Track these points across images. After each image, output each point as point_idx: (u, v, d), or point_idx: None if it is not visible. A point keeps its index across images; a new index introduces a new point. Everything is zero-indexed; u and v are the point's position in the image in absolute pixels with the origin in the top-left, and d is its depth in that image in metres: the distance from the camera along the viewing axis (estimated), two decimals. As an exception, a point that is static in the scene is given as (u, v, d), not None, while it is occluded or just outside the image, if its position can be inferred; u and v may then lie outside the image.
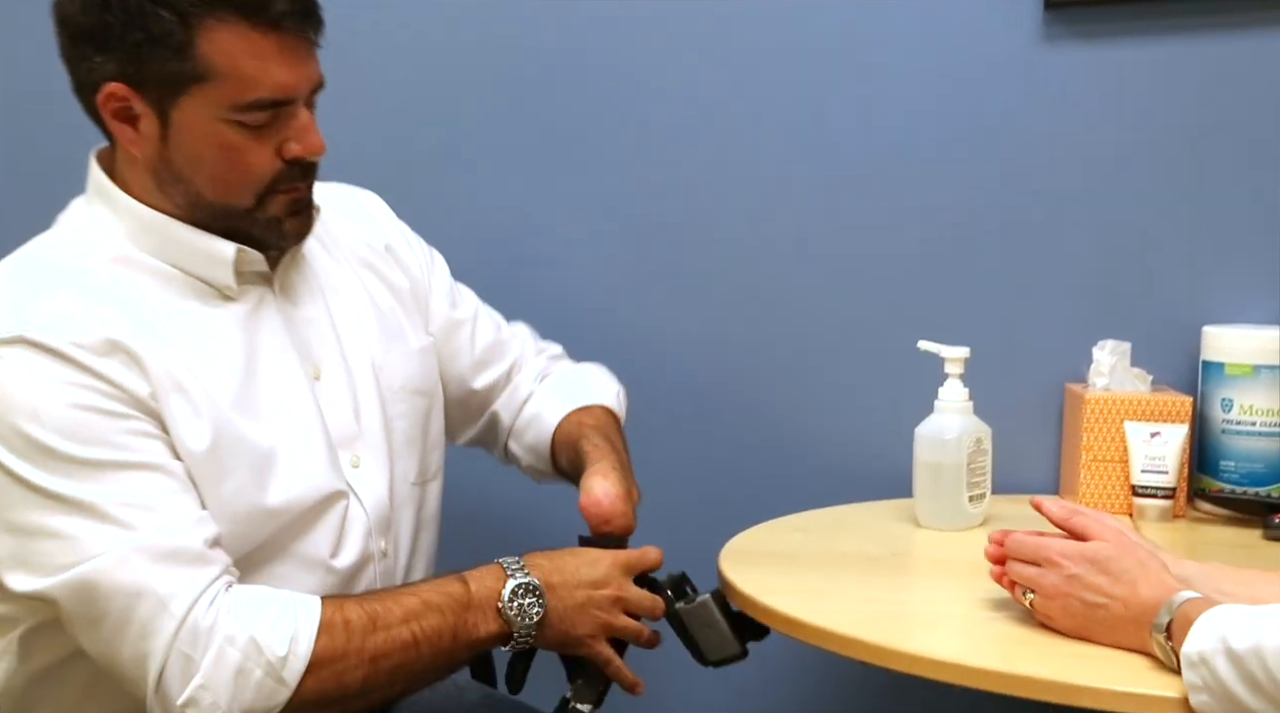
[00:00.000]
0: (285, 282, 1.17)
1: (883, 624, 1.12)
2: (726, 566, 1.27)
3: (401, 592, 1.10)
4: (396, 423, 1.22)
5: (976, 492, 1.41)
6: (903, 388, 1.48)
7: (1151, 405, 1.49)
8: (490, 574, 1.12)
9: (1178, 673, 0.98)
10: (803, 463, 1.61)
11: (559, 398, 1.34)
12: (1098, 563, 1.04)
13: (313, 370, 1.16)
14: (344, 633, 1.04)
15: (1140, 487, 1.47)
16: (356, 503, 1.16)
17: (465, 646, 1.09)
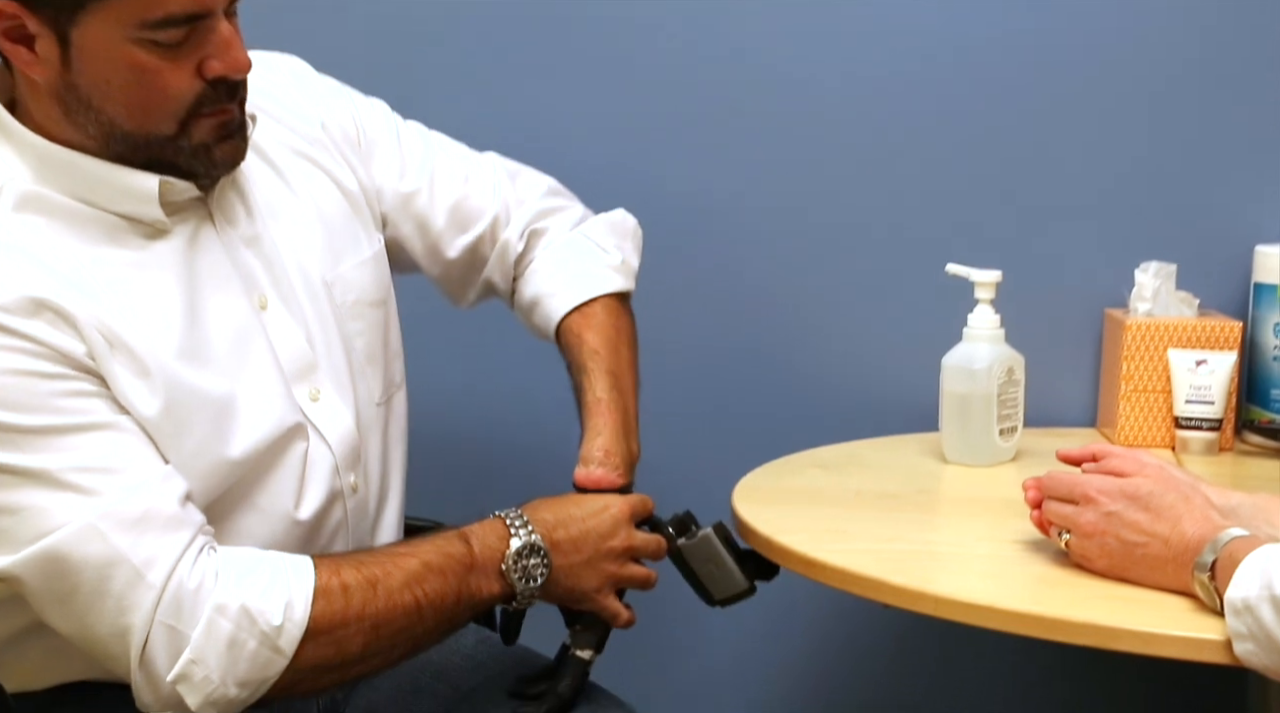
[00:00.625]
0: (222, 203, 1.11)
1: (907, 565, 1.11)
2: (740, 504, 1.25)
3: (399, 553, 1.08)
4: (355, 342, 1.17)
5: (1007, 425, 1.39)
6: (929, 315, 1.46)
7: (1198, 331, 1.46)
8: (493, 532, 1.09)
9: (1222, 616, 0.95)
10: (822, 395, 1.59)
11: (556, 284, 1.27)
12: (1138, 499, 1.02)
13: (258, 300, 1.12)
14: (342, 598, 1.01)
15: (1184, 418, 1.44)
16: (319, 441, 1.12)
17: (468, 608, 1.08)
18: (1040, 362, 1.45)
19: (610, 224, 1.31)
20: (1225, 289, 1.52)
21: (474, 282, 1.30)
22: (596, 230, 1.30)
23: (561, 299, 1.26)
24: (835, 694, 1.65)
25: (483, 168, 1.30)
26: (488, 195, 1.28)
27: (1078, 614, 1.00)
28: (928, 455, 1.41)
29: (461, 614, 1.07)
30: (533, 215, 1.30)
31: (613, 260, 1.28)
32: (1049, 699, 1.63)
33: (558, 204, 1.32)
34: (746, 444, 1.43)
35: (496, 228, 1.29)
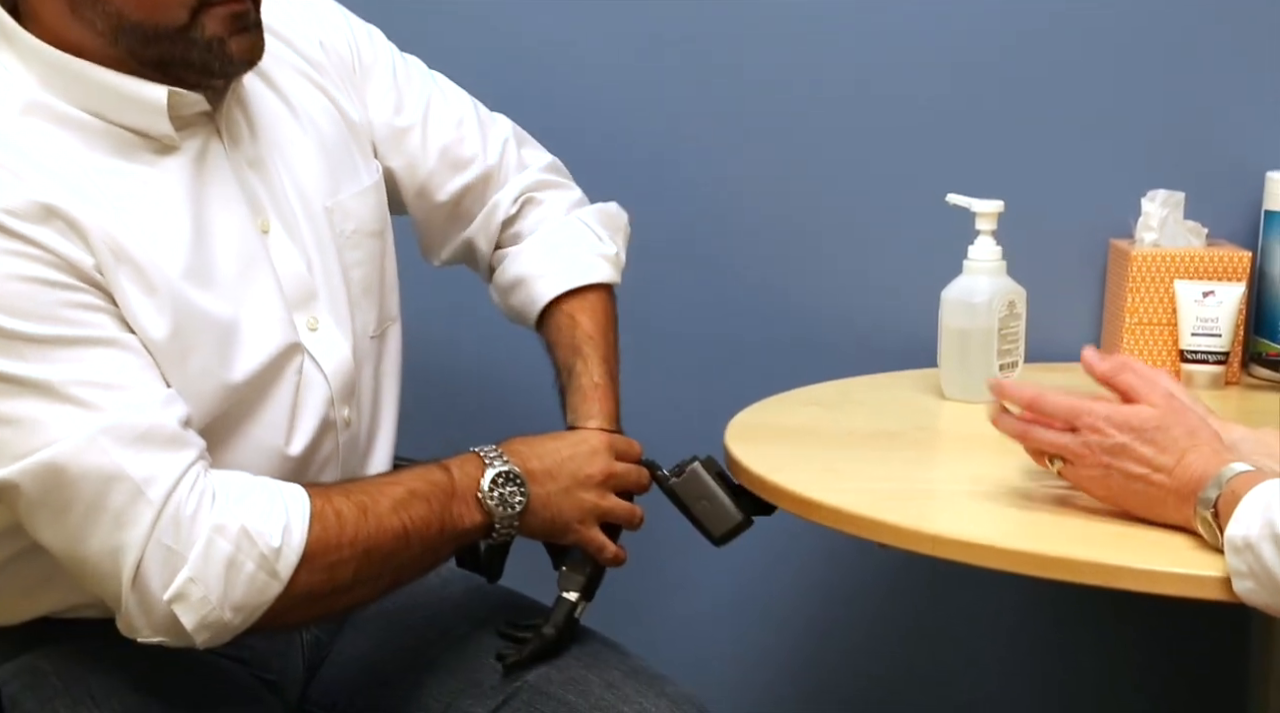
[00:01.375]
0: (229, 121, 1.11)
1: (903, 504, 1.11)
2: (733, 442, 1.26)
3: (384, 481, 1.09)
4: (353, 273, 1.17)
5: (1008, 360, 1.39)
6: (928, 247, 1.45)
7: (1205, 262, 1.46)
8: (470, 462, 1.11)
9: (1222, 553, 0.95)
10: (818, 331, 1.59)
11: (549, 266, 1.27)
12: (1144, 432, 1.01)
13: (261, 224, 1.12)
14: (336, 523, 1.02)
15: (1190, 352, 1.45)
16: (315, 371, 1.12)
17: (451, 537, 1.09)
18: (1042, 295, 1.45)
19: (605, 214, 1.31)
20: (1235, 218, 1.51)
21: (453, 237, 1.30)
22: (591, 218, 1.30)
23: (553, 282, 1.26)
24: (828, 635, 1.67)
25: (485, 120, 1.30)
26: (481, 144, 1.28)
27: (1077, 552, 1.00)
28: (926, 392, 1.41)
29: (445, 544, 1.08)
30: (532, 183, 1.29)
31: (607, 250, 1.28)
32: (1047, 639, 1.65)
33: (558, 180, 1.32)
34: (740, 382, 1.44)
35: (489, 183, 1.28)
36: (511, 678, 1.14)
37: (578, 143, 1.44)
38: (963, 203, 1.39)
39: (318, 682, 1.20)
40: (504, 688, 1.14)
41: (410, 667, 1.18)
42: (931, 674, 1.66)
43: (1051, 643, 1.65)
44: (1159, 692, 1.63)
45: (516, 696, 1.14)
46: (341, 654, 1.21)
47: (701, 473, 1.19)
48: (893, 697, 1.66)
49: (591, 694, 1.12)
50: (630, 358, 1.28)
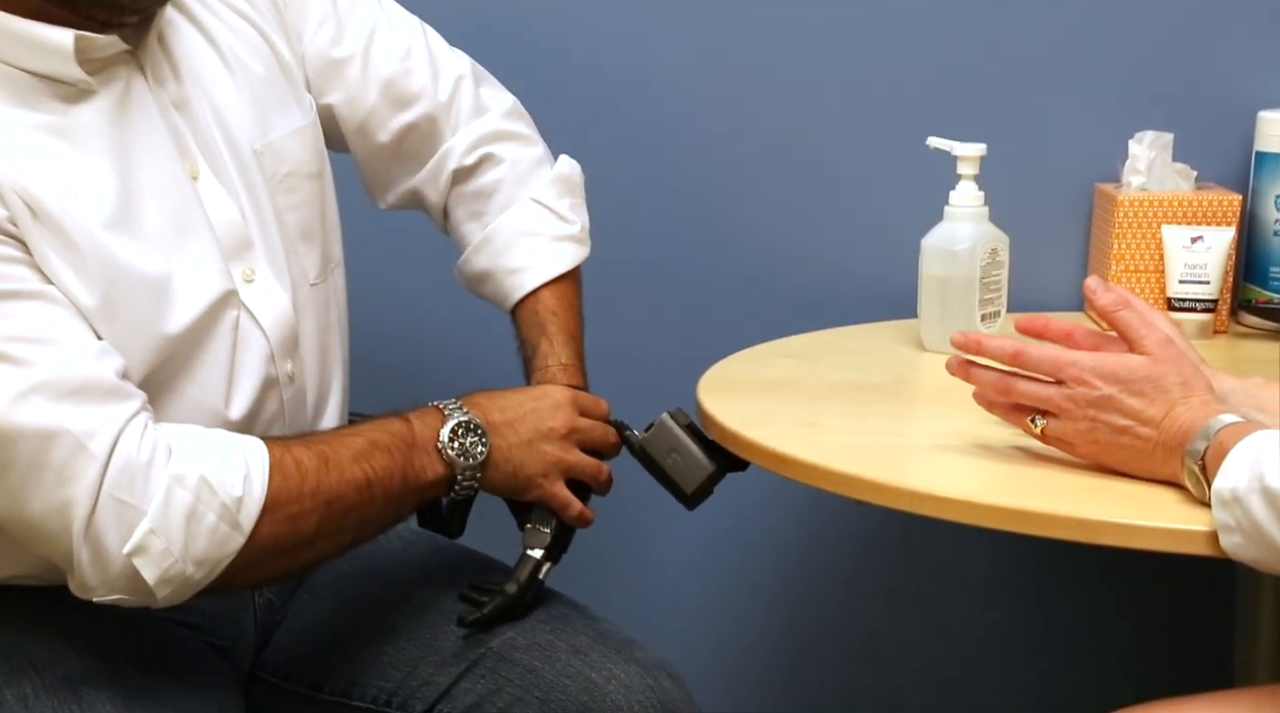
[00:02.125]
0: (153, 61, 1.09)
1: (881, 459, 1.11)
2: (706, 396, 1.25)
3: (343, 432, 1.09)
4: (288, 217, 1.16)
5: (990, 310, 1.39)
6: (908, 193, 1.45)
7: (1194, 206, 1.46)
8: (429, 414, 1.11)
9: (1209, 507, 0.95)
10: (794, 280, 1.59)
11: (516, 260, 1.25)
12: (1132, 384, 1.00)
13: (190, 169, 1.09)
14: (297, 473, 1.02)
15: (1177, 300, 1.45)
16: (252, 325, 1.11)
17: (413, 489, 1.08)
18: (1026, 241, 1.44)
19: (562, 183, 1.28)
20: (1225, 160, 1.51)
21: (398, 182, 1.27)
22: (550, 194, 1.27)
23: (523, 277, 1.25)
24: (804, 595, 1.67)
25: (438, 53, 1.26)
26: (431, 78, 1.24)
27: (1059, 508, 1.00)
28: (905, 343, 1.41)
29: (407, 497, 1.08)
30: (489, 132, 1.26)
31: (571, 230, 1.27)
32: (1028, 598, 1.66)
33: (518, 131, 1.29)
34: (713, 333, 1.43)
35: (437, 125, 1.25)
36: (474, 645, 1.14)
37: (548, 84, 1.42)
38: (944, 146, 1.38)
39: (272, 648, 1.19)
40: (467, 655, 1.14)
41: (369, 633, 1.18)
42: (910, 634, 1.67)
43: (1033, 602, 1.66)
44: (1141, 652, 1.65)
45: (480, 663, 1.13)
46: (297, 620, 1.20)
47: (670, 424, 1.18)
48: (870, 657, 1.68)
49: (558, 660, 1.12)
50: (599, 311, 1.28)
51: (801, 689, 1.69)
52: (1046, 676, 1.66)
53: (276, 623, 1.20)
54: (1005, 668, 1.68)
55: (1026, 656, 1.67)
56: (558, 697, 1.11)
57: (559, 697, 1.11)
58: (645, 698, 1.11)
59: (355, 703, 1.17)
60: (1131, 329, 1.03)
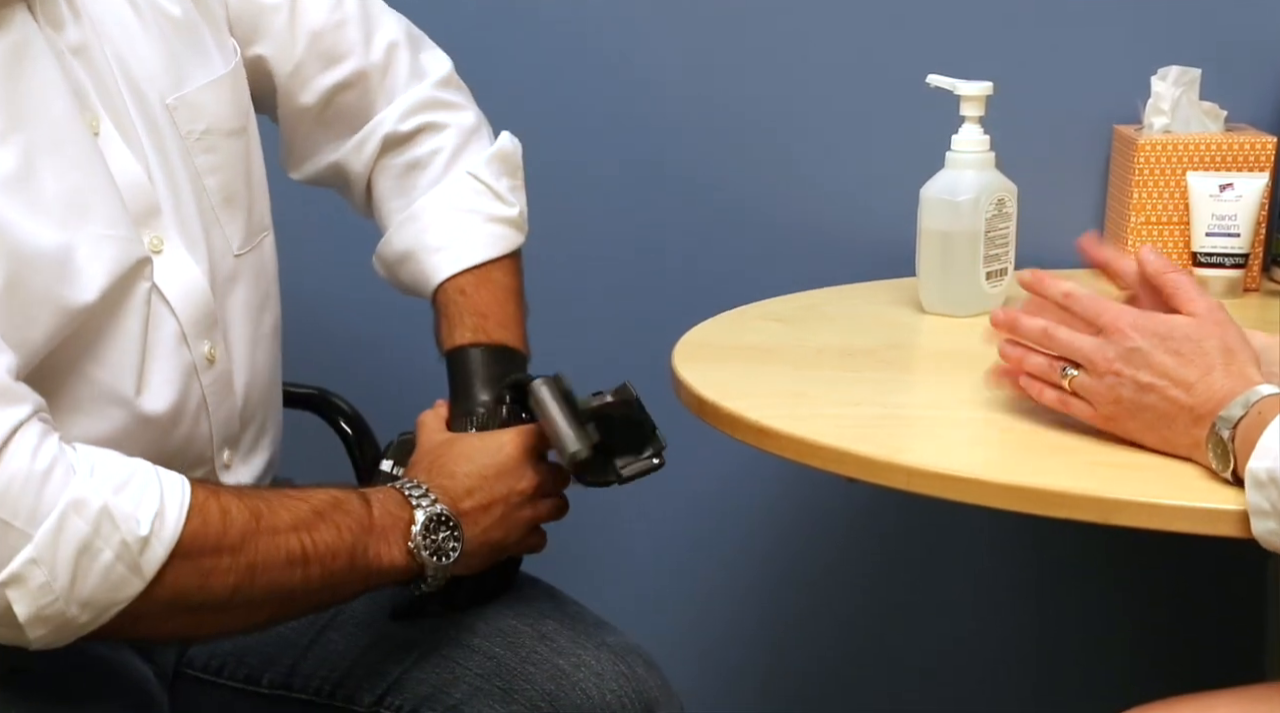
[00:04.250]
0: (47, 1, 1.05)
1: (875, 432, 1.11)
2: (681, 364, 1.24)
3: (286, 494, 1.05)
4: (208, 181, 1.14)
5: (996, 267, 1.38)
6: (905, 137, 1.45)
7: (1223, 150, 1.46)
8: (391, 499, 1.07)
9: (1230, 485, 0.95)
10: (779, 236, 1.58)
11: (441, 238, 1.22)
12: (1170, 341, 1.00)
13: (90, 122, 1.06)
14: (220, 522, 0.98)
15: (1203, 254, 1.45)
16: (160, 303, 1.08)
17: (362, 576, 1.05)
18: (1036, 191, 1.44)
19: (502, 161, 1.26)
20: (1257, 99, 1.51)
21: (319, 152, 1.25)
22: (487, 172, 1.25)
23: (447, 258, 1.21)
24: (788, 580, 1.68)
25: (374, 13, 1.24)
26: (363, 38, 1.23)
27: (1074, 486, 0.99)
28: (902, 305, 1.41)
29: (352, 583, 1.05)
30: (428, 99, 1.25)
31: (508, 212, 1.24)
32: (1036, 585, 1.66)
33: (454, 99, 1.27)
34: (689, 295, 1.43)
35: (367, 88, 1.23)
36: (429, 631, 1.13)
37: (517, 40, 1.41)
38: (946, 85, 1.37)
39: (198, 644, 1.17)
40: (421, 643, 1.13)
41: (311, 621, 1.16)
42: (903, 623, 1.67)
43: (1039, 590, 1.67)
44: (1158, 646, 1.65)
45: (435, 651, 1.12)
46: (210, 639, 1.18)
47: (541, 390, 1.12)
48: (859, 649, 1.68)
49: (522, 647, 1.11)
50: (567, 270, 1.27)
51: (783, 678, 1.70)
52: (1052, 671, 1.67)
53: (202, 619, 1.19)
54: (1007, 661, 1.68)
55: (1031, 648, 1.68)
56: (522, 686, 1.10)
57: (523, 686, 1.10)
58: (618, 686, 1.10)
59: (297, 695, 1.15)
60: (1182, 290, 1.04)
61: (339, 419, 1.38)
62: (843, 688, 1.69)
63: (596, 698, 1.10)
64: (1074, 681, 1.66)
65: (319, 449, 1.37)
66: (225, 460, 1.15)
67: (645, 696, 1.12)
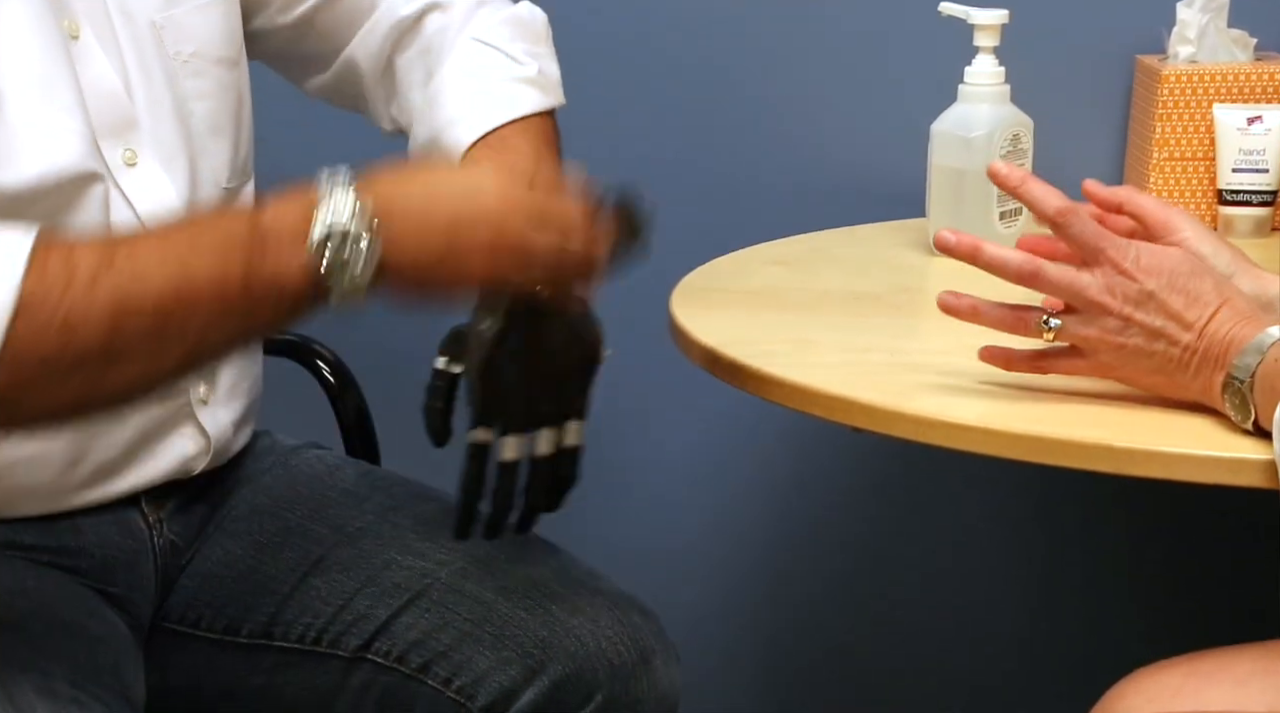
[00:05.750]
0: None
1: (881, 380, 1.11)
2: (680, 308, 1.24)
3: (152, 231, 1.00)
4: (193, 106, 1.13)
5: (1010, 207, 1.38)
6: (914, 69, 1.46)
7: (1251, 80, 1.45)
8: (293, 197, 0.96)
9: (1249, 434, 0.95)
10: (780, 174, 1.58)
11: (458, 110, 1.18)
12: (1176, 278, 0.98)
13: (68, 26, 1.07)
14: (63, 271, 0.92)
15: (1229, 191, 1.44)
16: (127, 208, 1.09)
17: (260, 290, 0.94)
18: (1053, 125, 1.44)
19: (515, 23, 1.22)
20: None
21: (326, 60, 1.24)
22: (499, 34, 1.21)
23: (467, 127, 1.17)
24: (791, 535, 1.68)
25: None
26: None
27: (1087, 435, 0.99)
28: (911, 247, 1.41)
29: (250, 302, 0.95)
30: None
31: (526, 72, 1.21)
32: (1046, 540, 1.67)
33: None
34: (687, 237, 1.41)
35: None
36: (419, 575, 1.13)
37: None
38: (958, 12, 1.37)
39: (177, 593, 1.18)
40: (410, 586, 1.14)
41: (292, 566, 1.17)
42: (911, 579, 1.68)
43: (1049, 546, 1.67)
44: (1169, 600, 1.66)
45: (425, 594, 1.13)
46: (206, 561, 1.19)
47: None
48: (862, 606, 1.69)
49: (515, 593, 1.12)
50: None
51: (780, 630, 1.71)
52: (1060, 629, 1.68)
53: (181, 566, 1.19)
54: (1014, 617, 1.69)
55: (1039, 604, 1.68)
56: (513, 632, 1.11)
57: (515, 632, 1.11)
58: (614, 633, 1.11)
59: (279, 643, 1.16)
60: (1154, 215, 1.02)
61: (321, 367, 1.38)
62: (840, 642, 1.70)
63: (591, 645, 1.11)
64: (1082, 641, 1.67)
65: (300, 400, 1.37)
66: (202, 395, 1.15)
67: (641, 643, 1.12)
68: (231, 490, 1.21)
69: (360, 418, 1.37)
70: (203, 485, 1.19)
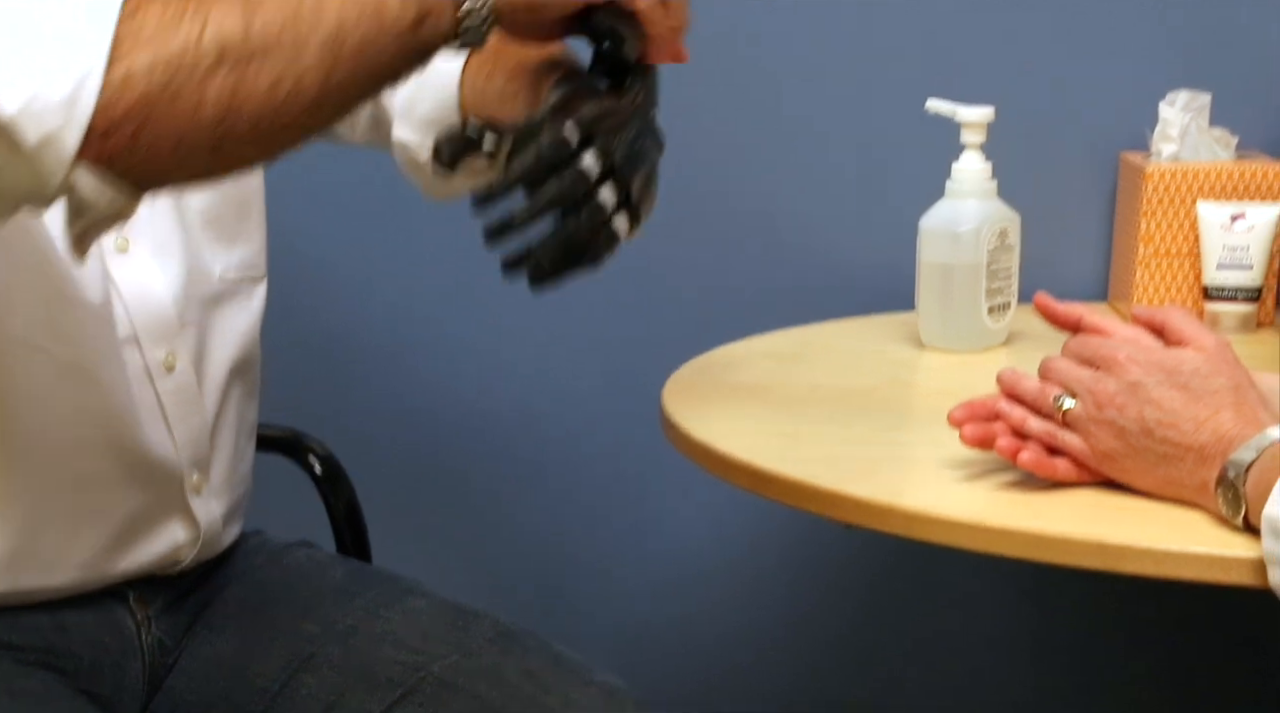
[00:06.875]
0: None
1: (873, 474, 1.11)
2: (671, 402, 1.24)
3: None
4: (191, 199, 1.15)
5: (998, 301, 1.39)
6: (904, 165, 1.47)
7: (1234, 178, 1.46)
8: None
9: (1243, 532, 0.95)
10: (772, 268, 1.59)
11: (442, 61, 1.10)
12: (1177, 375, 1.00)
13: None
14: (156, 4, 0.84)
15: (1215, 288, 1.45)
16: (115, 296, 1.11)
17: (378, 31, 0.88)
18: (1040, 221, 1.45)
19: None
20: (1270, 124, 1.52)
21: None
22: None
23: (453, 63, 1.13)
24: (782, 633, 1.67)
25: None
26: None
27: (1080, 531, 0.99)
28: (901, 341, 1.41)
29: (383, 41, 0.88)
30: None
31: None
32: (1039, 633, 1.67)
33: None
34: (682, 330, 1.43)
35: None
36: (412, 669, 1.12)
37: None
38: (946, 110, 1.38)
39: (163, 694, 1.17)
40: (403, 681, 1.13)
41: (284, 665, 1.16)
42: (906, 677, 1.67)
43: (1046, 640, 1.67)
44: (1167, 698, 1.65)
45: (418, 689, 1.13)
46: (195, 660, 1.18)
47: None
48: (853, 690, 1.68)
49: (508, 684, 1.12)
50: (551, 305, 1.25)
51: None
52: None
53: (169, 666, 1.18)
54: (1004, 705, 1.68)
55: (1029, 695, 1.67)
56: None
57: None
58: None
59: None
60: (1181, 329, 1.03)
61: (313, 462, 1.38)
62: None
63: None
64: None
65: (292, 495, 1.37)
66: (194, 483, 1.16)
67: None
68: (220, 588, 1.21)
69: (351, 513, 1.37)
70: (191, 583, 1.19)
